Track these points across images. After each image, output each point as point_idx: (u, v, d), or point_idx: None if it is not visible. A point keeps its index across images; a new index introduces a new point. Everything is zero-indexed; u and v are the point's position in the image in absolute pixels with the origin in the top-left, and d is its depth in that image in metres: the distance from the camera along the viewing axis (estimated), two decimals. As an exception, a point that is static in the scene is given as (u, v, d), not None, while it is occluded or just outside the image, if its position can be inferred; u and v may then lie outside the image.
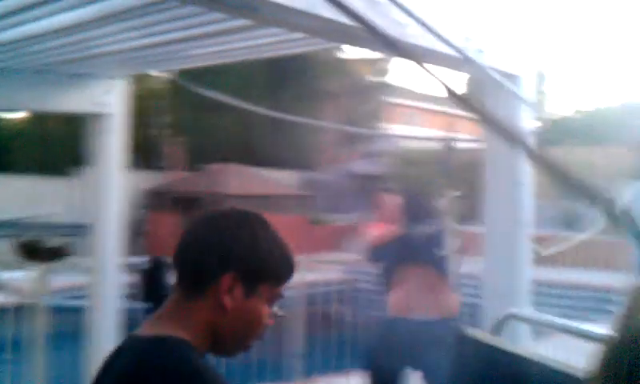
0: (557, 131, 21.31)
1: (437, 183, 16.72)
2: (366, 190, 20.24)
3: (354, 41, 2.44)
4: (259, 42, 3.17)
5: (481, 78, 3.08)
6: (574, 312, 10.10)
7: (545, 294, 9.87)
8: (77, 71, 4.13)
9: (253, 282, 1.45)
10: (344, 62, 22.24)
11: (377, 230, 5.11)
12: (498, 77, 2.89)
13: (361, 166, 20.23)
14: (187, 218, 16.88)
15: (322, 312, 9.95)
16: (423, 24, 2.22)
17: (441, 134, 21.10)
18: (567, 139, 18.98)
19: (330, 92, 21.32)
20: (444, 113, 30.05)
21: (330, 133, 20.89)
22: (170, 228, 17.17)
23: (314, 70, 20.52)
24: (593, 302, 10.04)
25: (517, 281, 3.49)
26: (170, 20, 2.92)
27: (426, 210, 4.90)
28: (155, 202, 17.96)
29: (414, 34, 2.43)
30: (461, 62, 2.68)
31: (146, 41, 3.44)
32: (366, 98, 22.70)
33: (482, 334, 2.38)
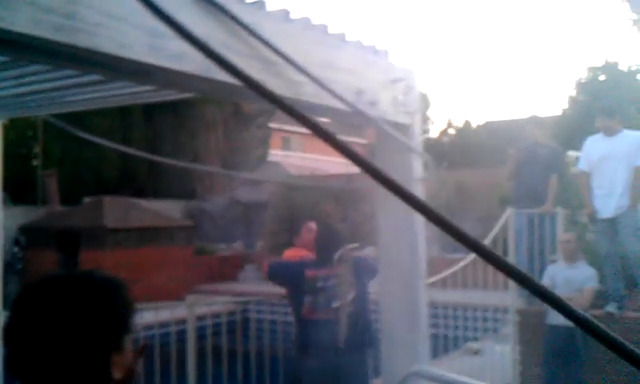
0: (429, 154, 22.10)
1: (323, 209, 16.91)
2: (250, 217, 20.23)
3: (245, 99, 2.44)
4: (126, 91, 3.15)
5: (373, 128, 3.18)
6: (466, 331, 10.57)
7: (437, 316, 10.27)
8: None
9: (120, 341, 1.40)
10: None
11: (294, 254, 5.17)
12: (387, 127, 3.00)
13: (245, 194, 20.18)
14: (65, 254, 16.18)
15: (212, 345, 9.74)
16: (317, 82, 2.27)
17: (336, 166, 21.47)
18: (437, 162, 19.78)
19: (211, 119, 21.18)
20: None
21: (213, 161, 20.73)
22: (48, 265, 16.38)
23: (194, 96, 20.36)
24: (481, 320, 10.56)
25: (413, 305, 3.59)
26: (37, 72, 2.91)
27: (338, 238, 4.91)
28: (31, 238, 17.11)
29: (309, 92, 2.48)
30: (353, 115, 2.75)
31: (22, 89, 3.40)
32: (248, 124, 22.72)
33: None
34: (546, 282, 6.61)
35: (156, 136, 20.13)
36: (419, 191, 3.37)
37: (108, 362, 1.34)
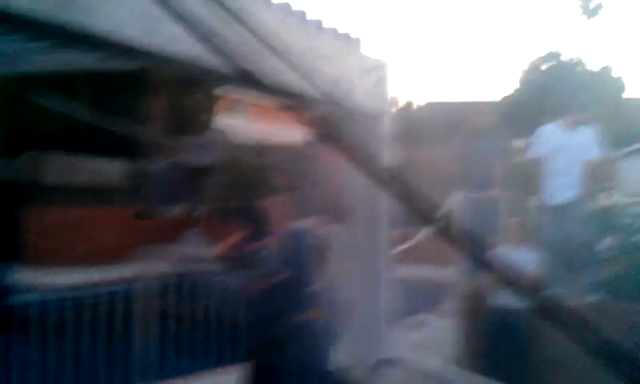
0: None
1: (268, 177, 16.90)
2: (194, 182, 20.07)
3: (236, 87, 2.48)
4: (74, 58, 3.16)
5: (347, 117, 3.26)
6: (420, 306, 10.80)
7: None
8: None
9: None
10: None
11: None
12: (360, 117, 3.11)
13: (191, 158, 19.98)
14: (3, 210, 15.73)
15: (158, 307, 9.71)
16: (299, 71, 2.33)
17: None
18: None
19: (157, 82, 20.78)
20: (272, 107, 30.37)
21: (159, 122, 20.41)
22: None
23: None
24: (434, 296, 10.82)
25: (377, 282, 3.71)
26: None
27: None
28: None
29: (290, 80, 2.53)
30: (330, 104, 2.83)
31: None
32: (194, 89, 22.39)
33: (358, 378, 2.47)
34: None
35: (98, 96, 19.61)
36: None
37: None
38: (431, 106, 29.26)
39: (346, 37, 3.30)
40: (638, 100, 21.02)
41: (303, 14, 2.95)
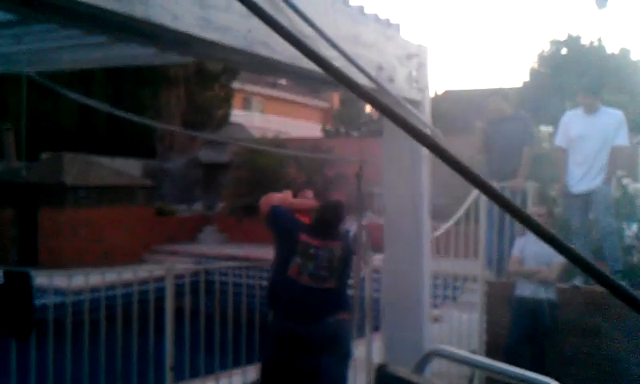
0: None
1: (286, 172, 16.87)
2: (211, 178, 20.09)
3: (285, 77, 2.44)
4: (127, 52, 3.12)
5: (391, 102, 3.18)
6: (439, 299, 10.71)
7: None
8: None
9: None
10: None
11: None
12: (405, 103, 3.01)
13: (206, 154, 19.98)
14: (23, 211, 15.84)
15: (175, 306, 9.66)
16: (347, 57, 2.26)
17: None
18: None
19: (173, 77, 20.82)
20: (286, 100, 30.42)
21: (174, 120, 20.44)
22: (4, 223, 16.03)
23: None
24: (441, 288, 10.74)
25: (418, 275, 3.63)
26: (42, 31, 2.87)
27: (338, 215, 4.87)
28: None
29: (338, 66, 2.45)
30: (374, 90, 2.75)
31: (23, 47, 3.35)
32: (211, 83, 22.40)
33: (406, 372, 2.41)
34: (515, 254, 6.76)
35: (116, 92, 19.72)
36: (426, 168, 3.40)
37: None
38: (451, 95, 28.98)
39: (387, 22, 3.21)
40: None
41: None
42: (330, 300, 4.62)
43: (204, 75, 21.99)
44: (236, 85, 25.26)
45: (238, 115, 25.64)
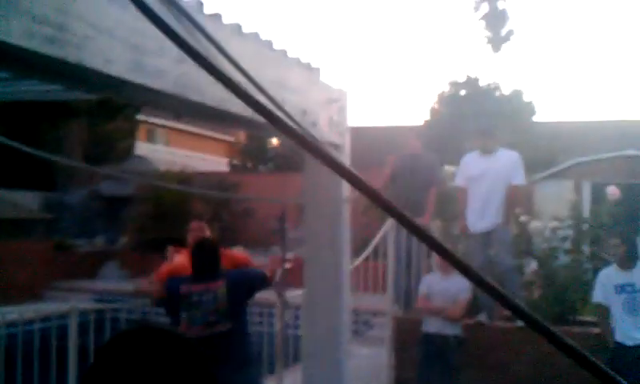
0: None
1: (192, 207, 16.56)
2: (113, 212, 19.53)
3: (219, 124, 2.43)
4: (34, 88, 3.05)
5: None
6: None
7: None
8: None
9: None
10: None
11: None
12: (328, 147, 3.07)
13: (108, 187, 19.44)
14: None
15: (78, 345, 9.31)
16: (274, 103, 2.29)
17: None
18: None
19: (75, 108, 20.20)
20: (191, 133, 30.09)
21: (76, 152, 19.81)
22: None
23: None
24: (359, 324, 10.82)
25: (337, 308, 3.66)
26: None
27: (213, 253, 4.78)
28: None
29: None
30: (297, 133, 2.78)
31: None
32: (115, 115, 21.88)
33: None
34: (422, 291, 6.93)
35: (14, 122, 18.92)
36: (347, 209, 3.46)
37: None
38: (355, 131, 29.35)
39: (309, 66, 3.26)
40: (548, 124, 21.76)
41: (270, 42, 2.89)
42: (230, 345, 4.52)
43: (107, 107, 21.47)
44: (140, 116, 24.81)
45: (142, 147, 25.14)
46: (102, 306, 11.94)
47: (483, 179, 7.06)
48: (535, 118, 20.52)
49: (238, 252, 5.74)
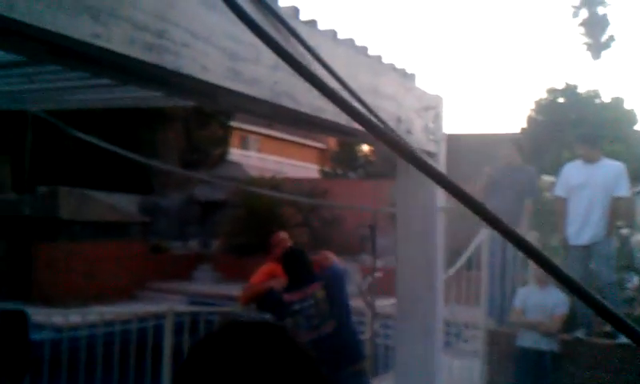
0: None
1: (283, 212, 16.76)
2: (207, 216, 20.02)
3: (310, 131, 2.43)
4: (134, 95, 3.12)
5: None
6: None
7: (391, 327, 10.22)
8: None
9: None
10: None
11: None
12: (424, 156, 2.99)
13: (203, 192, 19.93)
14: (14, 244, 15.69)
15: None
16: (370, 111, 2.24)
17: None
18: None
19: (172, 115, 20.86)
20: (283, 140, 30.49)
21: (173, 157, 20.42)
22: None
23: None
24: (450, 335, 10.62)
25: (431, 320, 3.59)
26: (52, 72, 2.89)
27: (305, 260, 4.85)
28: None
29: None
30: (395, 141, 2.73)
31: (33, 86, 3.36)
32: (209, 121, 22.45)
33: None
34: (517, 304, 6.71)
35: (115, 128, 19.71)
36: (442, 219, 3.37)
37: None
38: (452, 138, 28.94)
39: (404, 72, 3.20)
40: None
41: (365, 48, 2.85)
42: (338, 344, 4.56)
43: (202, 114, 22.04)
44: (233, 123, 25.34)
45: (235, 154, 25.65)
46: (198, 308, 12.24)
47: (585, 190, 6.75)
48: (637, 127, 19.62)
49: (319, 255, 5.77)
